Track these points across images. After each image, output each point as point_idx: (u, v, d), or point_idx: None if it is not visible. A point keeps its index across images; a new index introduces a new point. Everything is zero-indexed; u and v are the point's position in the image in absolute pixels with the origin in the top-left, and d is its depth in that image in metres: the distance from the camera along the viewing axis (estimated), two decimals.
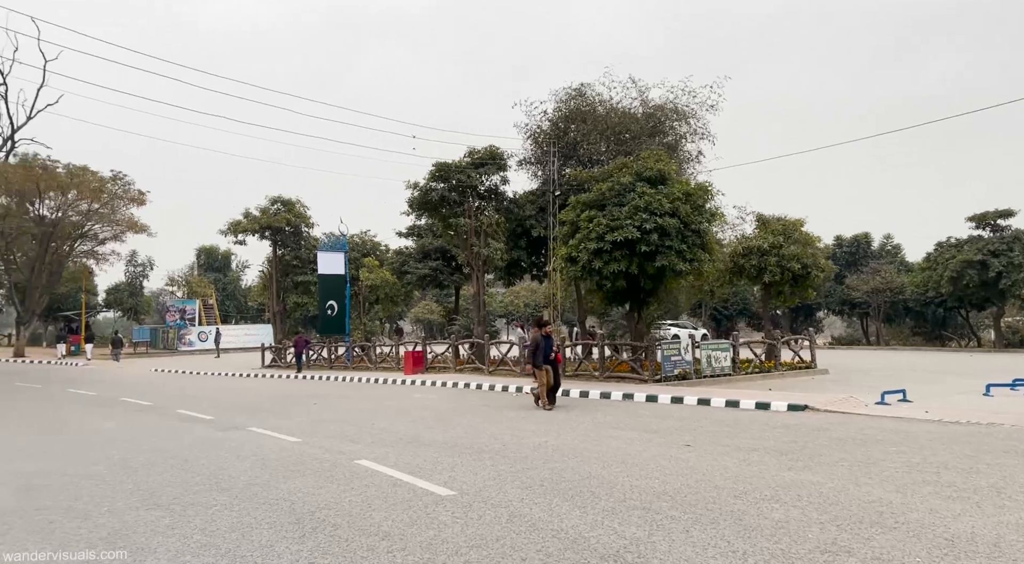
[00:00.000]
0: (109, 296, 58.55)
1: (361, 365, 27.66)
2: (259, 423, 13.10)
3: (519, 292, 58.29)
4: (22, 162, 44.00)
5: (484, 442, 10.26)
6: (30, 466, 9.37)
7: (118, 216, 44.25)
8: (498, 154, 23.95)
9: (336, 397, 18.74)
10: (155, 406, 17.35)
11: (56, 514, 6.68)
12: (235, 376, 28.08)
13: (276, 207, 34.92)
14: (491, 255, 23.37)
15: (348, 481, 7.78)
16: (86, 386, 23.91)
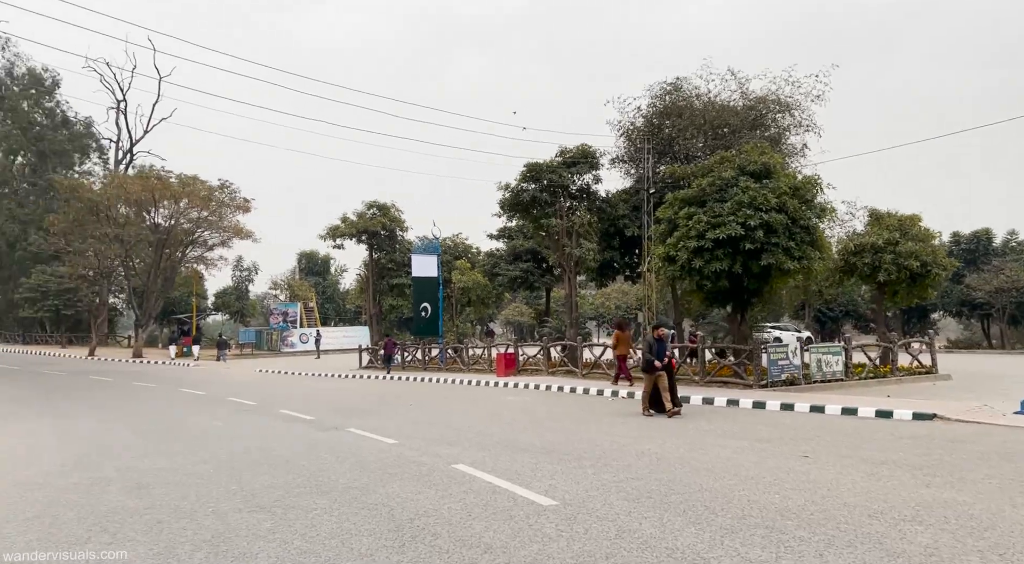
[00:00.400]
0: (218, 299, 61.64)
1: (454, 367, 27.77)
2: (357, 424, 13.18)
3: (610, 294, 57.43)
4: (139, 174, 46.93)
5: (583, 448, 9.85)
6: (144, 464, 9.68)
7: (225, 223, 46.44)
8: (590, 153, 23.48)
9: (431, 399, 18.78)
10: (259, 406, 17.87)
11: (164, 513, 6.76)
12: (334, 377, 28.77)
13: (372, 212, 35.70)
14: (583, 256, 22.91)
15: (446, 487, 7.56)
16: (196, 386, 25.02)
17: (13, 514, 6.96)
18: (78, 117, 62.78)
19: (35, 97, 60.53)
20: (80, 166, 61.27)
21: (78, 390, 24.36)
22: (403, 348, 31.67)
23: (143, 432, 13.28)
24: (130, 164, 56.92)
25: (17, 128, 58.95)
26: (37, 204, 56.59)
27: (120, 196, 43.90)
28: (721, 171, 17.67)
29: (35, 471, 9.28)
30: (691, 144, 25.23)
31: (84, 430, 13.90)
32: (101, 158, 63.26)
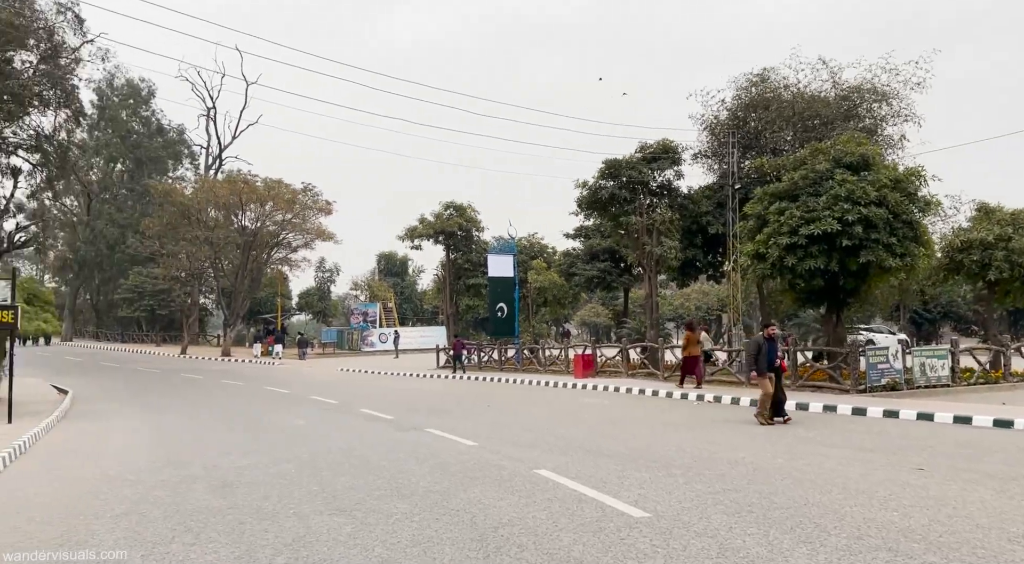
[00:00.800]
0: (301, 300, 63.47)
1: (530, 367, 27.48)
2: (436, 424, 13.03)
3: (689, 294, 55.99)
4: (227, 178, 48.75)
5: (670, 455, 9.34)
6: (229, 462, 9.76)
7: (308, 225, 47.70)
8: (671, 148, 22.75)
9: (508, 400, 18.53)
10: (340, 404, 18.05)
11: (246, 514, 6.68)
12: (412, 376, 28.96)
13: (449, 212, 35.87)
14: (664, 254, 22.19)
15: (529, 493, 7.23)
16: (281, 384, 25.61)
17: (104, 510, 7.04)
18: (171, 125, 66.00)
19: (133, 107, 63.92)
20: (173, 172, 64.32)
21: (171, 387, 25.33)
22: (479, 348, 31.63)
23: (230, 429, 13.53)
24: (219, 169, 59.33)
25: (117, 137, 62.37)
26: (134, 209, 59.69)
27: (210, 200, 45.71)
28: (815, 163, 16.68)
29: (127, 468, 9.48)
30: (778, 137, 24.14)
31: (176, 427, 14.29)
32: (192, 164, 66.25)
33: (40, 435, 13.32)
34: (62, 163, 27.74)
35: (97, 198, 62.82)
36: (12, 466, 10.06)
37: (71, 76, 25.65)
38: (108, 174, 65.20)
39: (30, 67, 24.67)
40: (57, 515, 6.91)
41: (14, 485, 8.59)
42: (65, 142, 27.06)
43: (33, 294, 22.17)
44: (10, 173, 26.75)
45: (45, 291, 24.02)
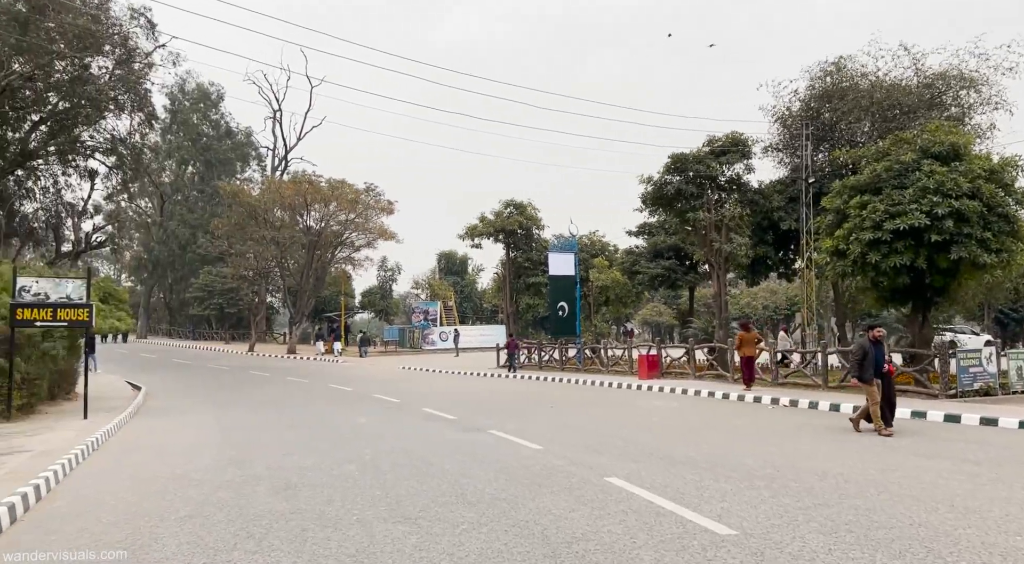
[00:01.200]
0: (364, 298, 64.31)
1: (592, 367, 26.94)
2: (499, 426, 12.72)
3: (757, 293, 54.30)
4: (293, 179, 49.69)
5: (750, 464, 8.77)
6: (293, 461, 9.66)
7: (371, 224, 48.18)
8: (741, 140, 21.87)
9: (570, 401, 18.10)
10: (402, 403, 17.95)
11: (309, 520, 6.47)
12: (472, 375, 28.79)
13: (509, 210, 35.60)
14: (734, 251, 21.35)
15: (602, 504, 6.81)
16: (344, 382, 25.79)
17: (169, 512, 6.95)
18: (239, 127, 67.83)
19: (203, 110, 65.99)
20: (241, 173, 66.06)
21: (239, 384, 25.81)
22: (539, 348, 31.25)
23: (294, 427, 13.53)
24: (285, 170, 60.65)
25: (188, 140, 64.50)
26: (204, 210, 61.60)
27: (276, 200, 46.64)
28: (899, 154, 15.65)
29: (193, 467, 9.47)
30: (855, 128, 22.98)
31: (242, 423, 14.39)
32: (259, 165, 67.98)
33: (113, 431, 13.60)
34: (136, 165, 28.64)
35: (170, 199, 65.04)
36: (85, 463, 10.20)
37: (144, 80, 26.44)
38: (180, 176, 67.45)
39: (106, 73, 25.53)
40: (123, 516, 6.85)
41: (85, 483, 8.65)
42: (139, 145, 27.92)
43: (108, 293, 22.81)
44: (88, 176, 27.80)
45: (120, 290, 24.74)
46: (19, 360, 16.24)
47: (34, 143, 25.43)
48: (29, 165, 26.17)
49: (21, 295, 15.76)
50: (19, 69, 22.77)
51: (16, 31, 21.69)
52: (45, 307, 15.79)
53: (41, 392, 17.70)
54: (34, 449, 10.87)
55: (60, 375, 19.99)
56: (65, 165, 27.22)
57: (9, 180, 26.24)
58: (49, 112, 25.20)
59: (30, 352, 16.97)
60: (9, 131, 24.73)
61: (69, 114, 25.62)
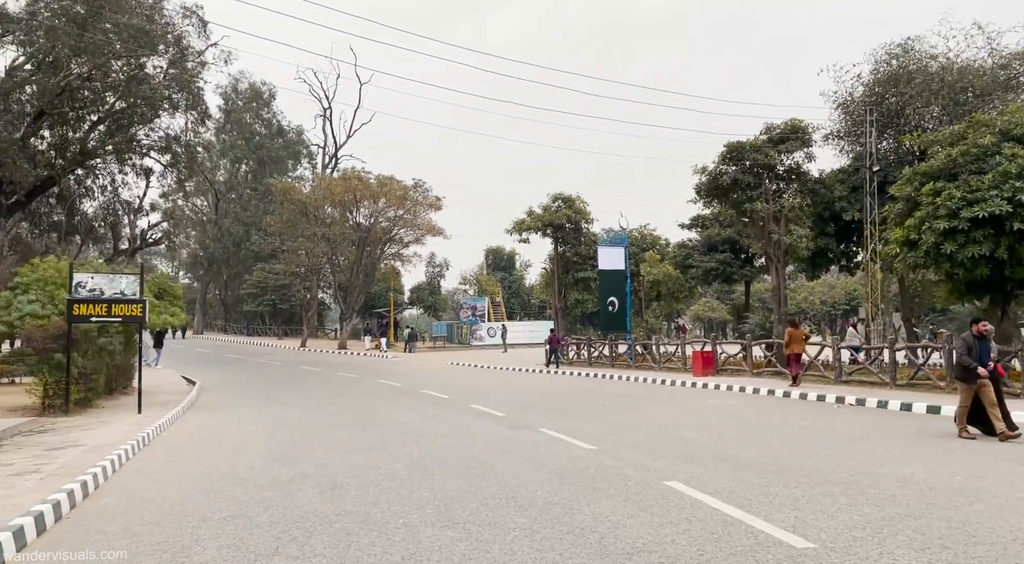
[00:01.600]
0: (413, 294, 64.64)
1: (644, 364, 26.31)
2: (550, 424, 12.33)
3: (814, 288, 52.59)
4: (342, 176, 50.12)
5: (822, 468, 8.17)
6: (340, 459, 9.44)
7: (419, 221, 48.30)
8: (801, 128, 20.94)
9: (622, 398, 17.58)
10: (451, 399, 17.71)
11: (354, 523, 6.18)
12: (520, 371, 28.46)
13: (557, 204, 35.11)
14: (794, 243, 20.45)
15: (663, 511, 6.35)
16: (393, 377, 25.74)
17: (212, 511, 6.76)
18: (290, 126, 68.88)
19: (255, 110, 67.17)
20: (293, 172, 67.04)
21: (290, 379, 26.00)
22: (588, 344, 30.74)
23: (343, 423, 13.37)
24: (335, 168, 61.30)
25: (241, 139, 65.75)
26: (257, 207, 62.71)
27: (326, 197, 47.11)
28: (977, 137, 14.66)
29: (240, 463, 9.33)
30: (923, 113, 21.77)
31: (291, 420, 14.32)
32: (310, 163, 68.92)
33: (166, 426, 13.66)
34: (190, 163, 29.14)
35: (224, 198, 66.43)
36: (135, 458, 10.18)
37: (197, 79, 26.85)
38: (234, 175, 68.83)
39: (161, 72, 25.99)
40: (167, 516, 6.68)
41: (133, 479, 8.57)
42: (192, 142, 28.40)
43: (163, 288, 23.19)
44: (143, 174, 28.40)
45: (174, 286, 25.15)
46: (76, 355, 16.53)
47: (92, 142, 26.07)
48: (88, 164, 26.86)
49: (77, 291, 16.01)
50: (78, 70, 23.32)
51: (75, 33, 22.18)
52: (100, 303, 16.01)
53: (98, 387, 18.02)
54: (87, 443, 10.92)
55: (117, 370, 20.36)
56: (122, 164, 27.88)
57: (70, 179, 26.95)
58: (106, 112, 25.77)
59: (86, 347, 17.27)
60: (70, 131, 25.40)
61: (125, 113, 26.16)
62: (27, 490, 7.48)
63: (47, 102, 23.51)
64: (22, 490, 7.49)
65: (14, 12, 23.84)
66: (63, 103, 23.71)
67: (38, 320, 16.29)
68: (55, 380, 16.08)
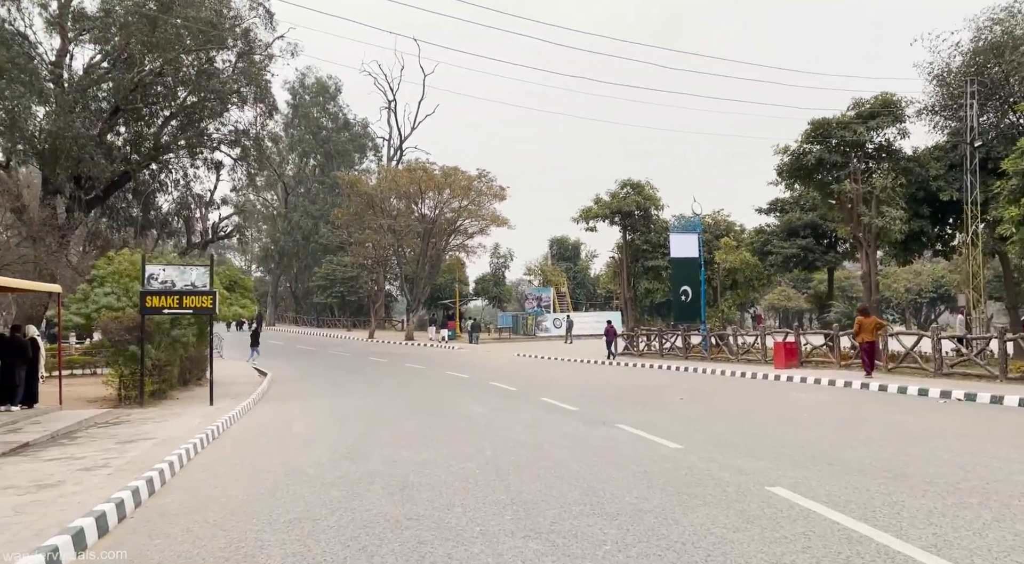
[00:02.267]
0: (478, 285, 64.53)
1: (719, 356, 25.17)
2: (626, 419, 11.62)
3: (899, 274, 49.81)
4: (407, 167, 50.20)
5: (947, 474, 7.21)
6: (410, 454, 8.99)
7: (483, 211, 47.98)
8: (893, 102, 19.47)
9: (701, 392, 16.67)
10: (519, 392, 17.18)
11: (427, 529, 5.65)
12: (589, 363, 27.73)
13: (625, 191, 34.06)
14: (886, 226, 19.02)
15: (772, 522, 5.59)
16: (460, 369, 25.41)
17: (278, 513, 6.36)
18: (356, 119, 69.63)
19: (322, 104, 68.17)
20: (359, 165, 67.73)
21: (359, 371, 25.99)
22: (660, 335, 29.73)
23: (412, 416, 12.97)
24: (400, 160, 61.59)
25: (309, 133, 66.85)
26: (325, 201, 63.67)
27: (392, 189, 47.26)
28: None
29: (308, 459, 8.98)
30: None
31: (360, 411, 14.03)
32: (376, 156, 69.53)
33: (236, 418, 13.55)
34: (259, 156, 29.46)
35: (293, 192, 67.71)
36: (204, 451, 9.98)
37: (264, 72, 27.06)
38: (302, 169, 70.09)
39: (229, 66, 26.27)
40: (231, 517, 6.30)
41: (200, 475, 8.30)
42: (261, 135, 28.68)
43: (234, 281, 23.42)
44: (214, 167, 28.88)
45: (244, 278, 25.43)
46: (149, 347, 16.68)
47: (165, 137, 26.60)
48: (161, 159, 27.43)
49: (149, 283, 16.12)
50: (150, 66, 23.73)
51: (146, 28, 22.54)
52: (172, 294, 16.08)
53: (172, 378, 18.22)
54: (158, 436, 10.80)
55: (191, 361, 20.59)
56: (193, 158, 28.41)
57: (144, 174, 27.56)
58: (178, 106, 26.22)
59: (160, 339, 17.43)
60: (143, 126, 25.95)
61: (196, 108, 26.55)
62: (94, 486, 7.26)
63: (122, 98, 24.00)
64: (89, 486, 7.29)
65: (91, 11, 24.42)
66: (137, 99, 24.20)
67: (113, 312, 16.49)
68: (130, 372, 16.27)
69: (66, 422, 12.64)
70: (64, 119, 21.97)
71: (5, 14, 22.53)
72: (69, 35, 24.22)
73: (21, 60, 21.63)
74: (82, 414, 13.85)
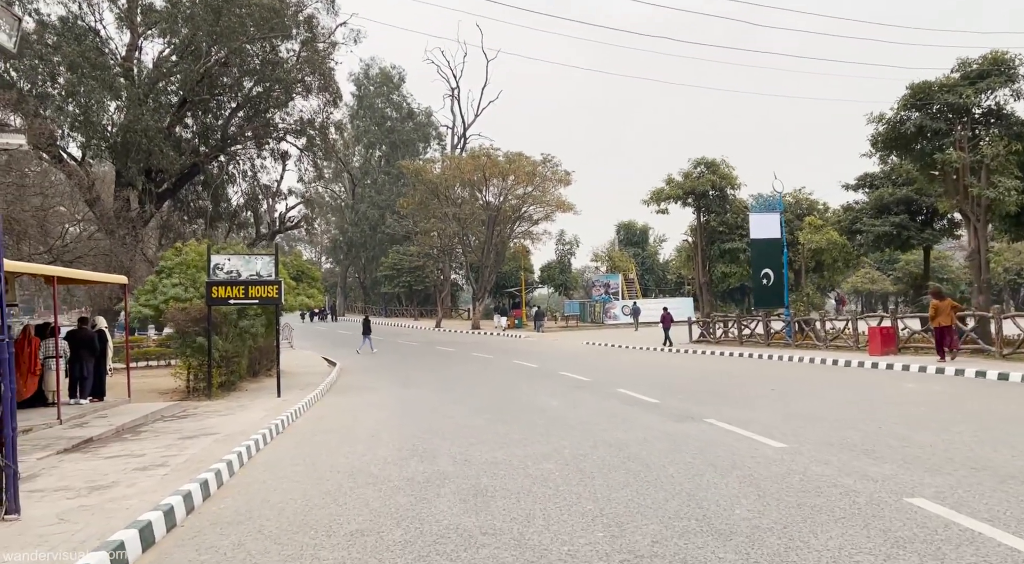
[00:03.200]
0: (543, 273, 63.67)
1: (805, 342, 23.59)
2: (715, 413, 10.58)
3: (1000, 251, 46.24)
4: (471, 155, 49.63)
5: None
6: (481, 453, 8.24)
7: (548, 197, 47.00)
8: (1004, 61, 17.51)
9: (792, 382, 15.38)
10: (593, 382, 16.27)
11: (506, 548, 4.84)
12: (662, 351, 26.54)
13: (699, 170, 32.40)
14: (998, 198, 17.16)
15: (933, 549, 4.54)
16: (528, 358, 24.64)
17: (338, 523, 5.67)
18: (420, 108, 69.53)
19: (386, 94, 68.30)
20: (424, 154, 67.61)
21: (427, 360, 25.55)
22: (738, 321, 28.23)
23: (482, 410, 12.24)
24: (463, 148, 61.13)
25: (374, 124, 67.12)
26: (391, 191, 63.82)
27: (456, 176, 46.78)
28: None
29: (373, 457, 8.34)
30: None
31: (428, 404, 13.41)
32: (440, 144, 69.33)
33: (302, 410, 13.13)
34: (325, 145, 29.30)
35: (360, 183, 68.21)
36: (266, 449, 9.49)
37: (328, 60, 26.80)
38: (368, 160, 70.52)
39: (293, 55, 26.08)
40: (287, 528, 5.65)
41: (259, 476, 7.74)
42: (326, 124, 28.49)
43: (301, 270, 23.26)
44: (280, 157, 28.87)
45: (312, 268, 25.30)
46: (217, 338, 16.49)
47: (232, 129, 26.66)
48: (229, 151, 27.54)
49: (215, 273, 15.88)
50: (216, 56, 23.70)
51: (211, 19, 22.46)
52: (237, 284, 15.80)
53: (241, 369, 18.05)
54: (221, 431, 10.39)
55: (260, 352, 20.44)
56: (260, 148, 28.46)
57: (213, 166, 27.75)
58: (244, 97, 26.22)
59: (227, 330, 17.24)
60: (210, 117, 26.06)
61: (261, 98, 26.50)
62: (148, 489, 6.76)
63: (189, 90, 24.09)
64: (143, 489, 6.79)
65: (159, 5, 24.55)
66: (203, 90, 24.26)
67: (180, 303, 16.36)
68: (198, 364, 16.11)
69: (132, 416, 12.44)
70: (134, 112, 22.12)
71: (76, 10, 22.82)
72: (139, 29, 24.42)
73: (92, 55, 21.85)
74: (149, 407, 13.68)
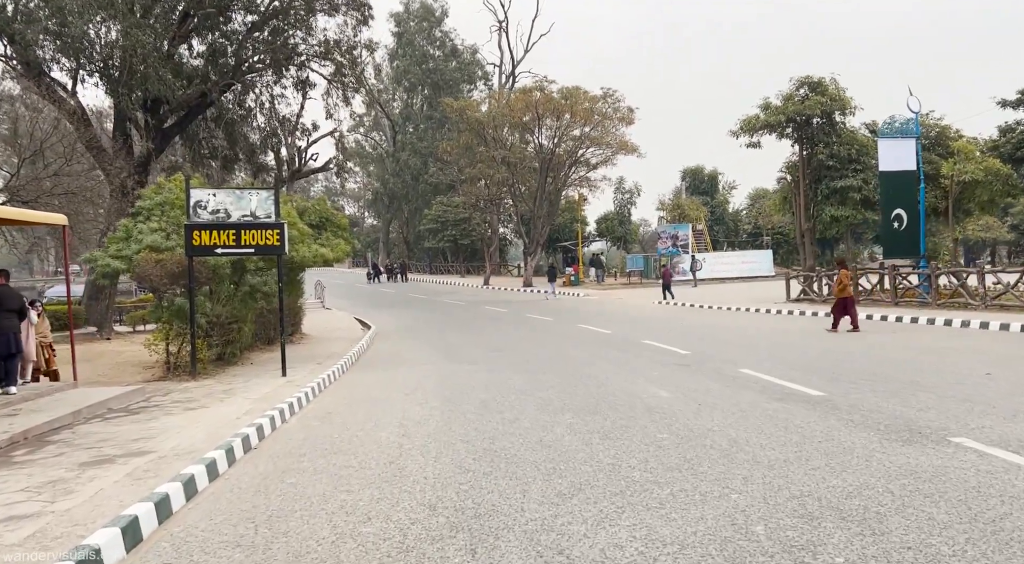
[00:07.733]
0: (600, 225, 58.96)
1: (951, 302, 18.76)
2: (950, 423, 6.17)
3: None
4: (522, 90, 44.72)
5: None
6: (588, 527, 4.04)
7: (608, 138, 42.02)
8: None
9: (1002, 359, 10.77)
10: (696, 357, 12.09)
11: None
12: (757, 312, 21.98)
13: (803, 92, 26.96)
14: None
15: None
16: (597, 321, 20.46)
17: None
18: (464, 45, 64.32)
19: (427, 30, 63.25)
20: (468, 96, 62.73)
21: (475, 324, 21.65)
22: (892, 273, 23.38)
23: (560, 405, 7.91)
24: (512, 87, 56.11)
25: (415, 64, 62.33)
26: (434, 137, 59.34)
27: (504, 116, 42.12)
28: None
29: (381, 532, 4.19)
30: None
31: (480, 393, 9.27)
32: (486, 85, 64.27)
33: (308, 397, 9.21)
34: (354, 72, 25.13)
35: (401, 129, 63.95)
36: (209, 489, 5.48)
37: None
38: (409, 105, 66.08)
39: None
40: None
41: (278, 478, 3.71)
42: (355, 44, 24.24)
43: (325, 217, 19.39)
44: (301, 85, 24.85)
45: (339, 214, 21.37)
46: (203, 299, 12.67)
47: (247, 50, 22.64)
48: (244, 80, 23.59)
49: (196, 213, 11.97)
50: None
51: None
52: (226, 228, 11.91)
53: (243, 338, 14.23)
54: (162, 446, 6.51)
55: (275, 315, 16.58)
56: (280, 77, 24.47)
57: (227, 98, 23.85)
58: (258, 12, 22.10)
59: (220, 289, 13.40)
60: (221, 38, 22.09)
61: (278, 14, 22.32)
62: None
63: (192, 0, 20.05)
64: None
65: None
66: (208, 1, 20.18)
67: (158, 254, 12.51)
68: (176, 333, 12.33)
69: (61, 410, 8.73)
70: (123, 25, 18.20)
71: None
72: None
73: None
74: (100, 395, 9.95)
